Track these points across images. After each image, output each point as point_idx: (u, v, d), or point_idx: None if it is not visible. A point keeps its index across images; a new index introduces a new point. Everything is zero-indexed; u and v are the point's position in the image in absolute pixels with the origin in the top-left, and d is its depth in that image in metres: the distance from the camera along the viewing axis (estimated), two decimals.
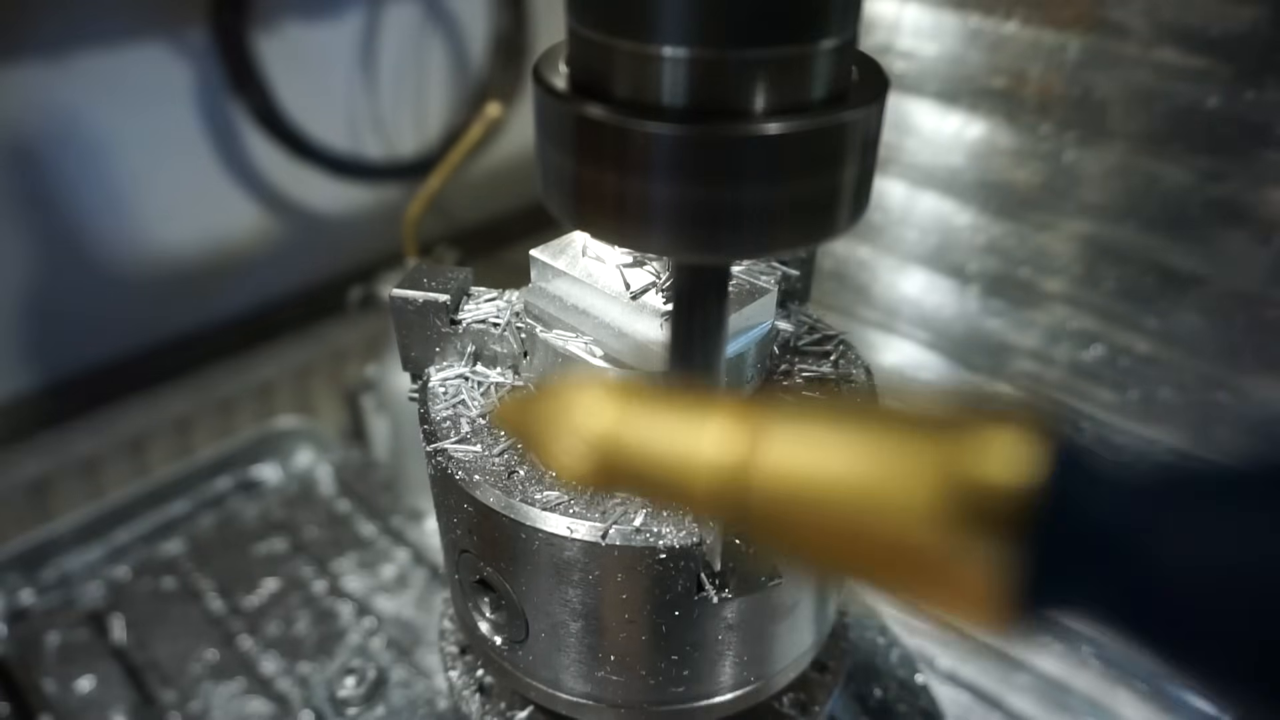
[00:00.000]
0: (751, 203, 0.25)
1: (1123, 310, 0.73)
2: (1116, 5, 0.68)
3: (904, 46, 0.79)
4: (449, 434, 0.37)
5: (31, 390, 1.18)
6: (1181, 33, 0.66)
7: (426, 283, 0.41)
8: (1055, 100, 0.73)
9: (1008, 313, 0.79)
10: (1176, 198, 0.68)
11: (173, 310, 1.29)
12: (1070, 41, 0.71)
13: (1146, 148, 0.69)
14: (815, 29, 0.24)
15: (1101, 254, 0.73)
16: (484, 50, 1.51)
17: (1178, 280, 0.70)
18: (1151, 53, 0.67)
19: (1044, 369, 0.78)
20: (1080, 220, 0.74)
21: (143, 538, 0.89)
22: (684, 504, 0.18)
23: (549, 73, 0.27)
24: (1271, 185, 0.64)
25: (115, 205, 1.19)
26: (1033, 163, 0.75)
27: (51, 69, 1.09)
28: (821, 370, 0.41)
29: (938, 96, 0.79)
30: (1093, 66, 0.70)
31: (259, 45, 1.23)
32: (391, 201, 1.44)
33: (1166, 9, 0.66)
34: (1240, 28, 0.63)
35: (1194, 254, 0.69)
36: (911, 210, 0.83)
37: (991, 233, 0.79)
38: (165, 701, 0.72)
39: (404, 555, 0.83)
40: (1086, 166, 0.72)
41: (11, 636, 0.78)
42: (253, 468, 0.97)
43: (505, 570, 0.36)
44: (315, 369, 1.35)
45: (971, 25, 0.76)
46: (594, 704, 0.38)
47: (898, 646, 0.61)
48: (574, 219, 0.28)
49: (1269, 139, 0.63)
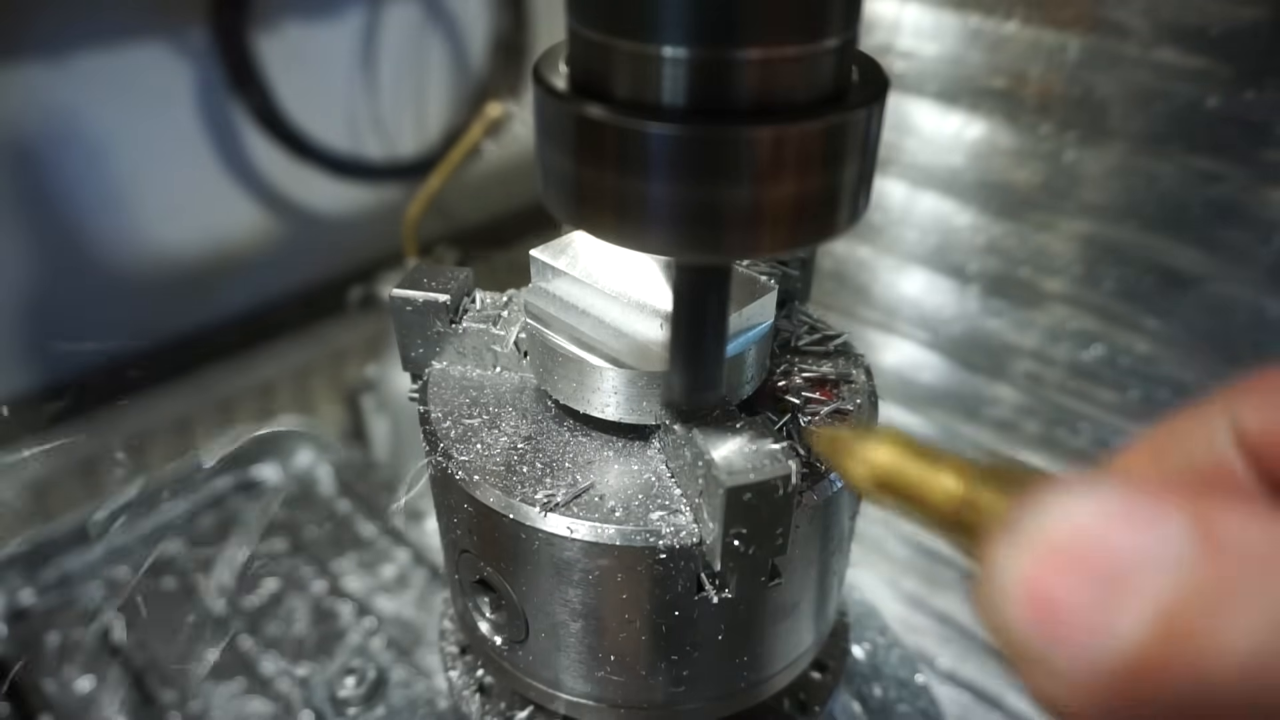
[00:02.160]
0: (751, 203, 0.25)
1: (1123, 310, 0.73)
2: (1116, 5, 0.68)
3: (904, 46, 0.79)
4: (449, 434, 0.37)
5: (31, 390, 1.18)
6: (1181, 33, 0.66)
7: (426, 283, 0.41)
8: (1055, 100, 0.72)
9: (1008, 313, 0.79)
10: (1176, 198, 0.68)
11: (173, 310, 1.29)
12: (1070, 41, 0.71)
13: (1146, 148, 0.69)
14: (815, 29, 0.24)
15: (1101, 254, 0.73)
16: (484, 50, 1.51)
17: (1178, 280, 0.70)
18: (1151, 53, 0.67)
19: (1044, 369, 0.78)
20: (1080, 220, 0.74)
21: (143, 538, 0.89)
22: (924, 520, 0.23)
23: (549, 73, 0.27)
24: (1271, 185, 0.64)
25: (115, 205, 1.19)
26: (1033, 163, 0.75)
27: (51, 69, 1.09)
28: (822, 370, 0.41)
29: (938, 96, 0.79)
30: (1093, 66, 0.70)
31: (259, 45, 1.23)
32: (391, 201, 1.44)
33: (1166, 9, 0.66)
34: (1240, 28, 0.63)
35: (1194, 254, 0.69)
36: (911, 210, 0.83)
37: (991, 233, 0.79)
38: (165, 701, 0.72)
39: (404, 555, 0.83)
40: (1086, 166, 0.72)
41: (11, 636, 0.78)
42: (253, 468, 0.97)
43: (505, 570, 0.36)
44: (315, 369, 1.35)
45: (971, 25, 0.76)
46: (594, 704, 0.38)
47: (898, 646, 0.61)
48: (574, 219, 0.28)
49: (1269, 139, 0.63)
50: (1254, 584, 0.15)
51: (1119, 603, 0.16)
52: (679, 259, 0.29)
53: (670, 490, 0.35)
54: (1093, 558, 0.17)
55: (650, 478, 0.35)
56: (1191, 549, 0.16)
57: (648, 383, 0.35)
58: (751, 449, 0.30)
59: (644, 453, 0.37)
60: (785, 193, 0.25)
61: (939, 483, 0.22)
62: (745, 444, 0.31)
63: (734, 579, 0.33)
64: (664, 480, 0.35)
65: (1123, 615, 0.16)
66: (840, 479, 0.35)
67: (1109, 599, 0.16)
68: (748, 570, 0.32)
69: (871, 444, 0.24)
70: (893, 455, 0.24)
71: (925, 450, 0.23)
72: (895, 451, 0.24)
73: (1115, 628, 0.16)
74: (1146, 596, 0.16)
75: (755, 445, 0.31)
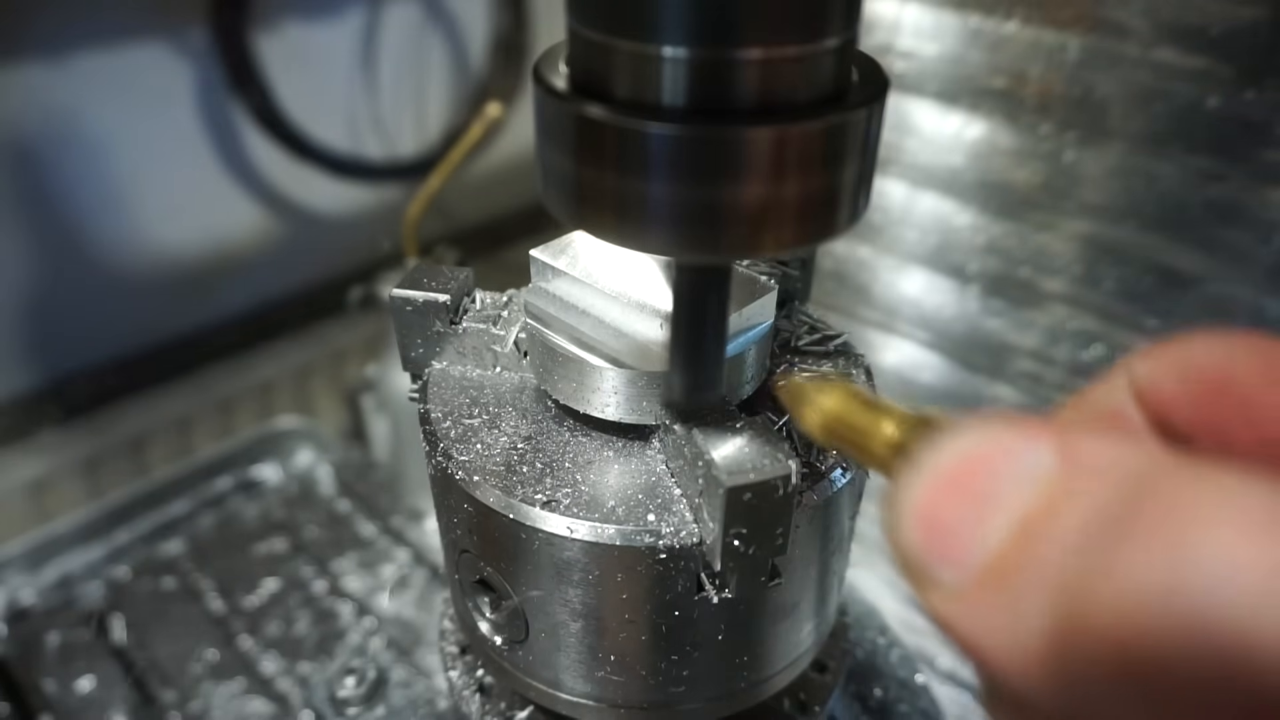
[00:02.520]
0: (751, 202, 0.25)
1: (1123, 310, 0.73)
2: (1116, 5, 0.68)
3: (904, 46, 0.79)
4: (449, 434, 0.37)
5: (31, 390, 1.18)
6: (1181, 33, 0.66)
7: (426, 283, 0.41)
8: (1055, 100, 0.73)
9: (1008, 313, 0.79)
10: (1176, 198, 0.68)
11: (173, 310, 1.29)
12: (1070, 41, 0.71)
13: (1146, 148, 0.69)
14: (815, 29, 0.24)
15: (1101, 254, 0.73)
16: (484, 50, 1.51)
17: (1178, 280, 0.70)
18: (1151, 53, 0.67)
19: (1044, 369, 0.78)
20: (1080, 220, 0.74)
21: (143, 538, 0.89)
22: (867, 463, 0.24)
23: (549, 73, 0.27)
24: (1271, 185, 0.64)
25: (115, 205, 1.19)
26: (1033, 163, 0.75)
27: (51, 69, 1.09)
28: (822, 370, 0.41)
29: (938, 96, 0.79)
30: (1093, 66, 0.70)
31: (259, 45, 1.23)
32: (391, 201, 1.44)
33: (1166, 9, 0.66)
34: (1240, 28, 0.63)
35: (1194, 254, 0.69)
36: (911, 210, 0.83)
37: (991, 233, 0.79)
38: (165, 701, 0.72)
39: (404, 555, 0.83)
40: (1086, 166, 0.72)
41: (11, 636, 0.78)
42: (253, 468, 0.97)
43: (505, 570, 0.36)
44: (315, 369, 1.35)
45: (971, 25, 0.76)
46: (594, 704, 0.38)
47: (898, 646, 0.61)
48: (574, 219, 0.28)
49: (1269, 139, 0.63)
50: (1094, 489, 0.17)
51: (989, 516, 0.18)
52: (679, 259, 0.29)
53: (670, 490, 0.35)
54: (973, 482, 0.19)
55: (650, 478, 0.35)
56: (1051, 468, 0.18)
57: (648, 383, 0.35)
58: (751, 449, 0.30)
59: (644, 453, 0.37)
60: (785, 193, 0.25)
61: (880, 429, 0.24)
62: (745, 444, 0.31)
63: (734, 579, 0.33)
64: (664, 480, 0.35)
65: (990, 526, 0.18)
66: (835, 476, 0.35)
67: (981, 514, 0.19)
68: (748, 570, 0.32)
69: (825, 392, 0.26)
70: (841, 403, 0.26)
71: (872, 401, 0.25)
72: (844, 400, 0.26)
73: (985, 538, 0.18)
74: (1011, 508, 0.18)
75: (755, 445, 0.31)
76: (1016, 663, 0.17)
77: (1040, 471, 0.18)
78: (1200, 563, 0.15)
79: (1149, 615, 0.15)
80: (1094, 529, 0.16)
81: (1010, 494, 0.18)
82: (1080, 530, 0.17)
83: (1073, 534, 0.17)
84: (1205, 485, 0.16)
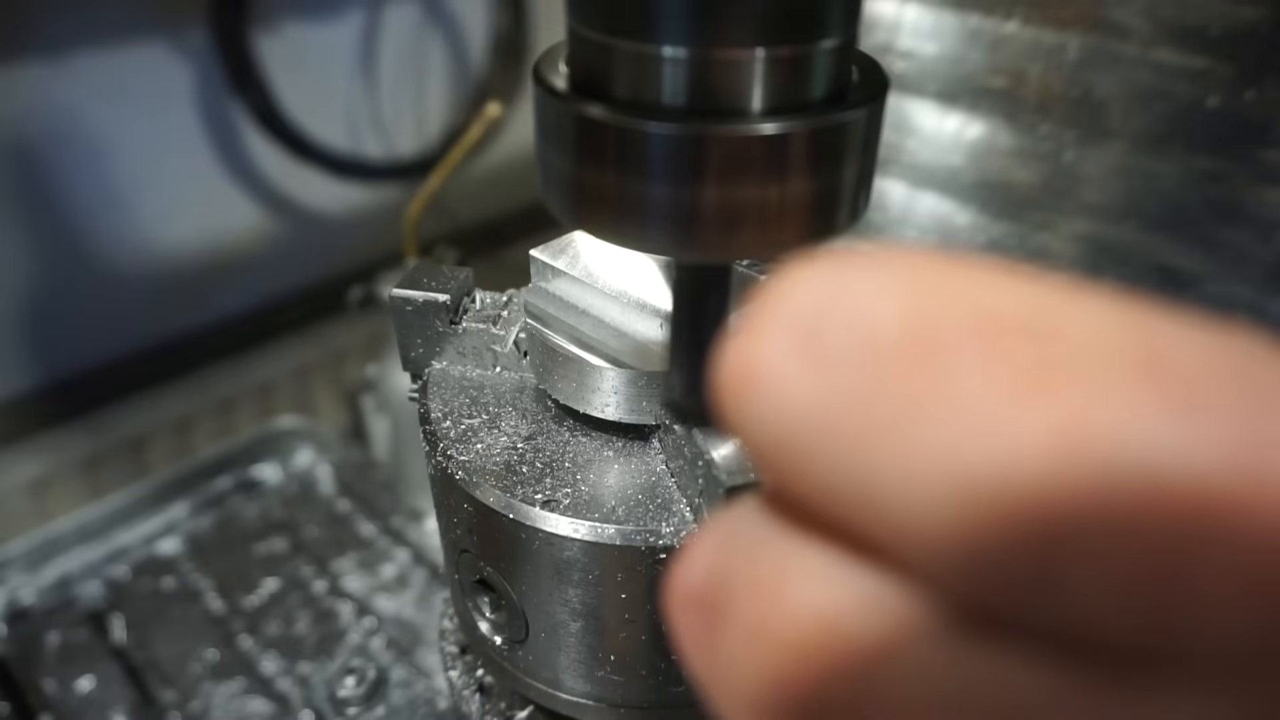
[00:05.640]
0: (751, 202, 0.25)
1: None
2: (1116, 5, 0.68)
3: (904, 46, 0.79)
4: (449, 434, 0.37)
5: (31, 390, 1.18)
6: (1181, 33, 0.66)
7: (426, 283, 0.41)
8: (1055, 100, 0.73)
9: None
10: (1176, 198, 0.68)
11: (173, 310, 1.29)
12: (1070, 41, 0.71)
13: (1146, 148, 0.69)
14: (815, 29, 0.24)
15: (1101, 254, 0.73)
16: (484, 50, 1.51)
17: (1178, 280, 0.70)
18: (1151, 53, 0.67)
19: None
20: (1080, 220, 0.74)
21: (143, 538, 0.89)
22: None
23: (549, 73, 0.27)
24: (1271, 185, 0.64)
25: (115, 205, 1.19)
26: (1033, 163, 0.75)
27: (51, 69, 1.09)
28: None
29: (938, 96, 0.79)
30: (1093, 66, 0.70)
31: (259, 45, 1.23)
32: (391, 201, 1.44)
33: (1166, 9, 0.66)
34: (1240, 28, 0.63)
35: (1194, 254, 0.69)
36: (911, 210, 0.83)
37: (991, 233, 0.79)
38: (165, 701, 0.72)
39: (404, 555, 0.83)
40: (1086, 166, 0.72)
41: (11, 636, 0.78)
42: (253, 468, 0.97)
43: (505, 570, 0.36)
44: (315, 369, 1.35)
45: (971, 25, 0.76)
46: (594, 704, 0.38)
47: None
48: (574, 219, 0.28)
49: (1269, 139, 0.63)
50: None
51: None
52: (679, 259, 0.29)
53: (670, 490, 0.35)
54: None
55: (650, 478, 0.35)
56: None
57: (648, 383, 0.35)
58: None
59: (644, 453, 0.37)
60: (785, 193, 0.25)
61: None
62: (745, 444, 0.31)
63: None
64: (664, 480, 0.35)
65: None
66: None
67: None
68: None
69: None
70: None
71: None
72: None
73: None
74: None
75: None
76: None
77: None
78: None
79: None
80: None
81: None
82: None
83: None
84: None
